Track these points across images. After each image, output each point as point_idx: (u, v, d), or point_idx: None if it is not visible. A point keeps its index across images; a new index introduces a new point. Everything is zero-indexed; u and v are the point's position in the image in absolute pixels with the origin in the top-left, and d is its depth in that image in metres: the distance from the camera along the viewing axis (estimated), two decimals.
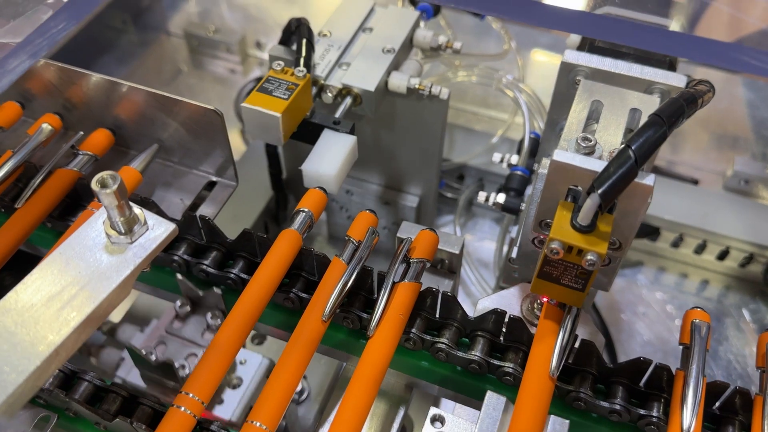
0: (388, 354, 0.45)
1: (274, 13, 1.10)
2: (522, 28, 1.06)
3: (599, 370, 0.46)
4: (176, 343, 0.50)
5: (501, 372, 0.47)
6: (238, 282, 0.52)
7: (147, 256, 0.38)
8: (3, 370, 0.34)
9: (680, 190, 0.81)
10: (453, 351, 0.48)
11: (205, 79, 1.02)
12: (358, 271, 0.47)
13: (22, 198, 0.53)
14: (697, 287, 0.80)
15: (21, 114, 0.59)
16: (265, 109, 0.52)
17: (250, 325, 0.45)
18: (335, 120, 0.56)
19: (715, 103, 0.97)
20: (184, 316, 0.50)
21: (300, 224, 0.49)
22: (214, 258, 0.52)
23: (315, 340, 0.45)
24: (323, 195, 0.52)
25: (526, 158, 0.67)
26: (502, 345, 0.48)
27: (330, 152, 0.55)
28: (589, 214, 0.38)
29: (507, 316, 0.47)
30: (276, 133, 0.53)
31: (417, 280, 0.48)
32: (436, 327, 0.50)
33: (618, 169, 0.37)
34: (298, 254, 0.49)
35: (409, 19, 0.64)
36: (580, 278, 0.41)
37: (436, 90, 0.60)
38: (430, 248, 0.50)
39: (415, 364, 0.51)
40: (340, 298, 0.46)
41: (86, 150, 0.56)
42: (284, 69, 0.55)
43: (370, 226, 0.50)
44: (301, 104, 0.55)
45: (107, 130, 0.58)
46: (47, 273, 0.37)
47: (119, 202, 0.36)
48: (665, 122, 0.37)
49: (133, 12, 1.05)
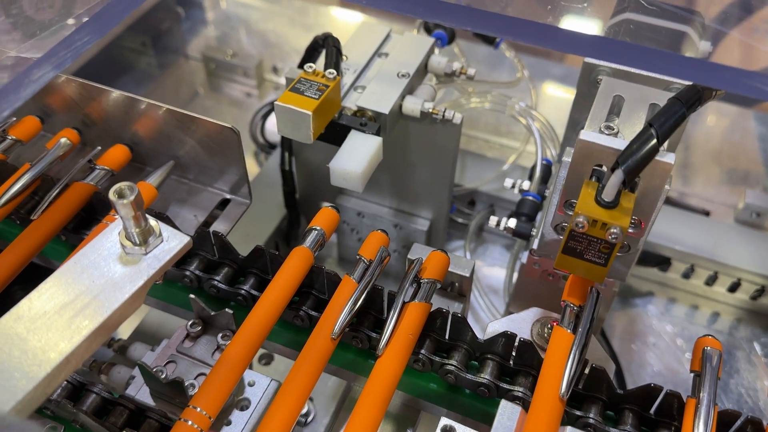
0: (397, 373, 0.45)
1: (290, 39, 1.11)
2: (534, 59, 1.08)
3: (609, 396, 0.46)
4: (186, 363, 0.50)
5: (510, 396, 0.47)
6: (249, 298, 0.52)
7: (161, 268, 0.38)
8: (13, 375, 0.34)
9: (691, 220, 0.81)
10: (462, 373, 0.48)
11: (222, 101, 1.04)
12: (368, 289, 0.47)
13: (38, 210, 0.54)
14: (708, 319, 0.80)
15: (40, 128, 0.61)
16: (297, 107, 0.53)
17: (259, 340, 0.45)
18: (362, 122, 0.58)
19: (726, 137, 0.98)
20: (195, 335, 0.50)
21: (312, 242, 0.50)
22: (225, 274, 0.53)
23: (324, 357, 0.45)
24: (335, 214, 0.52)
25: (538, 184, 0.67)
26: (511, 368, 0.48)
27: (357, 152, 0.56)
28: (613, 190, 0.40)
29: (517, 340, 0.47)
30: (306, 131, 0.54)
31: (427, 301, 0.48)
32: (445, 348, 0.49)
33: (641, 146, 0.39)
34: (309, 272, 0.49)
35: (424, 45, 0.65)
36: (603, 253, 0.43)
37: (450, 114, 0.61)
38: (441, 269, 0.50)
39: (424, 385, 0.50)
40: (350, 316, 0.46)
41: (103, 165, 0.57)
42: (315, 71, 0.56)
43: (381, 245, 0.50)
44: (330, 104, 0.56)
45: (125, 146, 0.59)
46: (61, 281, 0.37)
47: (135, 213, 0.37)
48: (684, 104, 0.39)
49: (152, 34, 1.07)
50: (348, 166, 0.55)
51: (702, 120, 1.02)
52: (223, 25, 1.15)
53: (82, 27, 0.40)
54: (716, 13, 0.54)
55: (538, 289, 0.65)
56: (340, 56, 0.60)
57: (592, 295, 0.46)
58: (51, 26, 0.47)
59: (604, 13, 0.51)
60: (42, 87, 0.35)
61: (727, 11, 0.52)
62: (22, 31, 0.49)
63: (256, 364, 0.67)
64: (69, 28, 0.46)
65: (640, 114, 0.46)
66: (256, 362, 0.67)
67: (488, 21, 0.37)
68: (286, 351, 0.56)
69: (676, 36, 0.51)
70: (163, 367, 0.49)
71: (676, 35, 0.51)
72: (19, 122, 0.61)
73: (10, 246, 0.52)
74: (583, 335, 0.44)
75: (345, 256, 0.82)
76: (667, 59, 0.37)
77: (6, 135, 0.59)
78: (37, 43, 0.47)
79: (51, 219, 0.54)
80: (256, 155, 0.95)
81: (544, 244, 0.52)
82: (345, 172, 0.55)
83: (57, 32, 0.47)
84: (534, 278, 0.64)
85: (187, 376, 0.49)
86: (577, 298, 0.47)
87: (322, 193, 0.77)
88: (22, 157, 0.59)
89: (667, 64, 0.37)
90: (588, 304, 0.46)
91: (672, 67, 0.37)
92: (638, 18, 0.51)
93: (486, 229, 0.86)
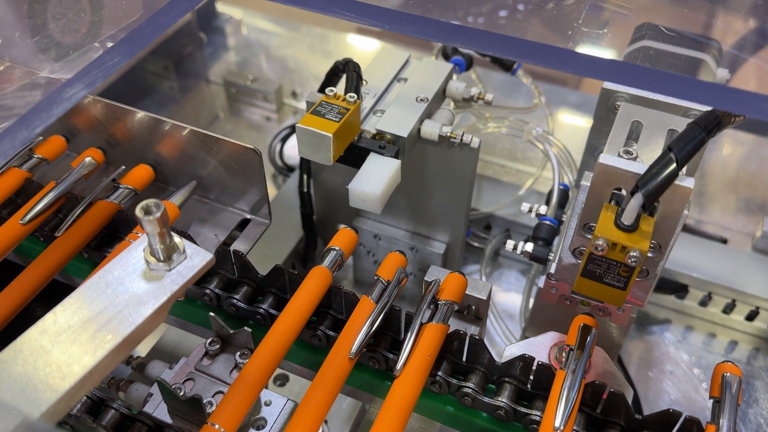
0: (415, 395, 0.45)
1: (310, 65, 1.13)
2: (551, 86, 1.09)
3: (627, 421, 0.45)
4: (204, 381, 0.50)
5: (528, 420, 0.47)
6: (267, 317, 0.53)
7: (184, 284, 0.39)
8: (38, 387, 0.34)
9: (709, 248, 0.80)
10: (479, 396, 0.48)
11: (241, 125, 1.05)
12: (386, 310, 0.47)
13: (63, 227, 0.55)
14: (726, 347, 0.79)
15: (66, 147, 0.62)
16: (318, 130, 0.54)
17: (278, 359, 0.45)
18: (381, 144, 0.58)
19: (744, 165, 0.98)
20: (214, 353, 0.51)
21: (330, 262, 0.50)
22: (244, 293, 0.53)
23: (342, 377, 0.45)
24: (354, 234, 0.52)
25: (555, 209, 0.67)
26: (529, 392, 0.48)
27: (375, 174, 0.57)
28: (633, 214, 0.40)
29: (535, 363, 0.47)
30: (326, 153, 0.55)
31: (445, 322, 0.48)
32: (462, 371, 0.49)
33: (661, 170, 0.39)
34: (327, 292, 0.50)
35: (443, 71, 0.66)
36: (622, 276, 0.43)
37: (468, 138, 0.62)
38: (458, 291, 0.51)
39: (440, 408, 0.50)
40: (368, 336, 0.46)
41: (127, 184, 0.58)
42: (336, 95, 0.57)
43: (399, 266, 0.51)
44: (350, 127, 0.57)
45: (148, 166, 0.60)
46: (86, 296, 0.38)
47: (161, 230, 0.37)
48: (703, 129, 0.40)
49: (174, 59, 1.09)
50: (367, 188, 0.56)
51: (718, 148, 1.02)
52: (243, 50, 1.17)
53: (113, 48, 0.41)
54: (733, 41, 0.54)
55: (555, 313, 0.65)
56: (360, 80, 0.61)
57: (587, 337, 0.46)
58: (79, 49, 0.49)
59: (622, 40, 0.52)
60: (73, 105, 0.37)
61: (744, 39, 0.52)
62: (50, 54, 0.50)
63: (271, 384, 0.67)
64: (96, 50, 0.47)
65: (659, 139, 0.46)
66: (271, 383, 0.67)
67: (509, 46, 0.38)
68: (300, 370, 0.56)
69: (693, 63, 0.51)
70: (181, 384, 0.49)
71: (693, 62, 0.51)
72: (45, 141, 0.62)
73: (35, 262, 0.53)
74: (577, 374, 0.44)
75: (361, 278, 0.82)
76: (686, 84, 0.37)
77: (32, 154, 0.60)
78: (65, 65, 0.48)
79: (74, 236, 0.55)
80: (275, 178, 0.96)
81: (562, 268, 0.52)
82: (364, 194, 0.56)
83: (84, 54, 0.48)
84: (551, 303, 0.64)
85: (205, 394, 0.49)
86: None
87: (340, 215, 0.78)
88: (47, 176, 0.61)
89: (686, 88, 0.37)
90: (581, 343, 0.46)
91: (691, 91, 0.38)
92: (656, 45, 0.52)
93: (502, 253, 0.86)
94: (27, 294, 0.51)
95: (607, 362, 0.52)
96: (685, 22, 0.56)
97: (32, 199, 0.57)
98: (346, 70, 0.61)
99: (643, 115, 0.48)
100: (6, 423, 0.30)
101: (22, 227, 0.55)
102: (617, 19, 0.53)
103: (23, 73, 0.47)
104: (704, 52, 0.52)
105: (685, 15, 0.57)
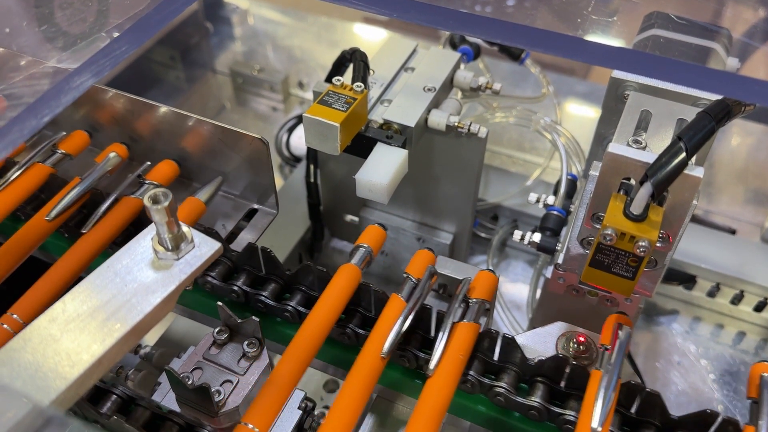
0: (449, 395, 0.44)
1: (316, 55, 1.13)
2: (559, 76, 1.08)
3: (663, 421, 0.45)
4: (212, 370, 0.50)
5: (562, 420, 0.46)
6: (295, 315, 0.53)
7: (192, 273, 0.39)
8: (47, 376, 0.35)
9: (717, 238, 0.80)
10: (512, 396, 0.47)
11: (248, 115, 1.05)
12: (418, 308, 0.47)
13: (89, 223, 0.55)
14: (734, 338, 0.79)
15: (89, 143, 0.62)
16: (325, 119, 0.54)
17: (309, 358, 0.45)
18: (388, 134, 0.58)
19: (753, 155, 0.97)
20: (222, 343, 0.51)
21: (359, 259, 0.50)
22: (272, 290, 0.53)
23: (374, 376, 0.45)
24: (383, 231, 0.53)
25: (563, 199, 0.67)
26: (563, 392, 0.47)
27: (382, 164, 0.56)
28: (642, 203, 0.40)
29: (569, 363, 0.46)
30: (333, 143, 0.55)
31: (476, 321, 0.48)
32: (494, 370, 0.49)
33: (670, 160, 0.39)
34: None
35: (450, 60, 0.66)
36: (631, 266, 0.43)
37: (475, 128, 0.61)
38: (489, 289, 0.50)
39: (471, 407, 0.50)
40: (400, 336, 0.46)
41: (152, 180, 0.58)
42: (343, 84, 0.57)
43: (429, 264, 0.50)
44: (357, 117, 0.57)
45: (173, 162, 0.60)
46: (95, 285, 0.38)
47: (169, 219, 0.37)
48: (713, 118, 0.39)
49: (181, 49, 1.09)
50: (374, 178, 0.55)
51: (727, 138, 1.01)
52: (250, 40, 1.17)
53: (120, 37, 0.41)
54: (744, 30, 0.54)
55: (563, 304, 0.65)
56: (368, 70, 0.61)
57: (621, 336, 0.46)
58: (86, 38, 0.49)
59: (632, 28, 0.52)
60: (81, 94, 0.37)
61: (755, 27, 0.52)
62: (57, 44, 0.50)
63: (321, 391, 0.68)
64: (103, 39, 0.47)
65: (668, 129, 0.46)
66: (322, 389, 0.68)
67: (518, 34, 0.38)
68: (319, 364, 0.56)
69: (703, 51, 0.51)
70: (189, 373, 0.50)
71: (703, 51, 0.51)
72: (69, 136, 0.62)
73: (62, 259, 0.52)
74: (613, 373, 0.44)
75: (367, 269, 0.82)
76: (696, 72, 0.37)
77: (56, 149, 0.60)
78: (72, 54, 0.48)
79: (101, 233, 0.54)
80: (281, 168, 0.96)
81: (570, 258, 0.52)
82: (371, 184, 0.55)
83: (91, 44, 0.48)
84: (558, 293, 0.64)
85: (213, 383, 0.49)
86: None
87: (347, 205, 0.78)
88: (70, 171, 0.60)
89: (696, 77, 0.37)
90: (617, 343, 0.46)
91: (701, 80, 0.37)
92: (665, 34, 0.51)
93: (509, 244, 0.86)
94: (55, 291, 0.51)
95: None
96: (695, 11, 0.56)
97: (57, 195, 0.57)
98: (353, 59, 0.61)
99: (653, 105, 0.48)
100: (16, 410, 0.31)
101: (47, 224, 0.55)
102: (627, 7, 0.52)
103: (31, 63, 0.47)
104: (714, 41, 0.51)
105: (694, 3, 0.57)
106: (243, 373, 0.49)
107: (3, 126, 0.36)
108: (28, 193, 0.57)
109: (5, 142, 0.33)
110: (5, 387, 0.32)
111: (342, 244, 0.86)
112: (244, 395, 0.48)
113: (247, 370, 0.49)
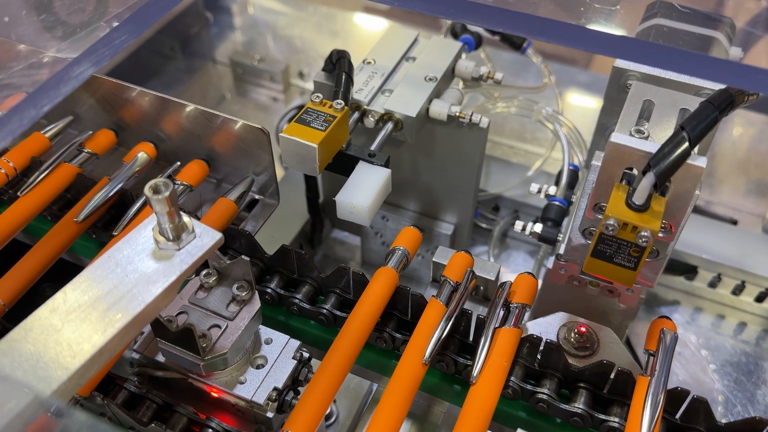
0: (492, 403, 0.44)
1: (317, 45, 1.12)
2: (561, 65, 1.08)
3: (708, 427, 0.45)
4: (199, 314, 0.47)
5: (606, 427, 0.46)
6: (330, 318, 0.53)
7: (193, 264, 0.39)
8: (49, 366, 0.35)
9: (719, 229, 0.80)
10: (555, 402, 0.47)
11: (248, 105, 1.05)
12: (457, 313, 0.47)
13: (120, 225, 0.54)
14: (735, 329, 0.79)
15: (115, 142, 0.61)
16: (303, 140, 0.52)
17: (350, 363, 0.45)
18: (370, 152, 0.56)
19: (755, 146, 0.97)
20: (209, 287, 0.48)
21: (396, 262, 0.50)
22: (306, 292, 0.54)
23: (416, 382, 0.45)
24: (418, 233, 0.52)
25: (565, 189, 0.67)
26: (605, 397, 0.47)
27: (364, 184, 0.54)
28: (644, 193, 0.40)
29: (615, 369, 0.46)
30: (312, 164, 0.53)
31: (518, 326, 0.48)
32: (534, 375, 0.49)
33: (673, 149, 0.39)
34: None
35: (452, 50, 0.65)
36: (633, 257, 0.42)
37: (476, 118, 0.61)
38: (530, 292, 0.50)
39: (512, 413, 0.49)
40: (441, 341, 0.46)
41: (182, 180, 0.57)
42: (323, 101, 0.55)
43: (468, 267, 0.50)
44: (337, 136, 0.55)
45: (202, 161, 0.59)
46: (96, 275, 0.38)
47: (170, 209, 0.37)
48: (716, 108, 0.39)
49: (181, 39, 1.09)
50: (354, 200, 0.53)
51: (728, 129, 1.01)
52: (250, 30, 1.16)
53: (120, 27, 0.40)
54: (747, 19, 0.54)
55: (564, 294, 0.65)
56: (351, 83, 0.58)
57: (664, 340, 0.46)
58: (85, 28, 0.49)
59: (635, 17, 0.51)
60: (81, 83, 0.36)
61: (758, 17, 0.52)
62: (57, 33, 0.50)
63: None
64: (103, 29, 0.47)
65: (671, 118, 0.46)
66: None
67: (520, 22, 0.38)
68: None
69: (706, 41, 0.51)
70: (174, 317, 0.47)
71: (706, 40, 0.51)
72: (95, 135, 0.61)
73: None
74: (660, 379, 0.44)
75: (368, 260, 0.82)
76: (699, 61, 0.37)
77: (82, 148, 0.59)
78: (72, 44, 0.48)
79: None
80: (282, 159, 0.96)
81: (571, 248, 0.52)
82: (352, 206, 0.53)
83: (91, 33, 0.48)
84: (560, 284, 0.64)
85: (200, 327, 0.46)
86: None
87: None
88: (96, 171, 0.59)
89: (699, 66, 0.37)
90: (661, 348, 0.46)
91: (704, 69, 0.37)
92: (668, 23, 0.51)
93: (510, 234, 0.86)
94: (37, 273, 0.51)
95: (615, 343, 0.52)
96: (698, 0, 0.55)
97: (86, 196, 0.56)
98: (337, 69, 0.58)
99: (655, 94, 0.48)
100: (18, 400, 0.31)
101: (77, 225, 0.54)
102: None
103: (30, 52, 0.46)
104: (717, 30, 0.51)
105: None
106: (232, 318, 0.47)
107: (2, 116, 0.35)
108: (56, 194, 0.56)
109: (5, 132, 0.33)
110: (6, 377, 0.32)
111: (343, 234, 0.86)
112: (233, 340, 0.46)
113: (237, 314, 0.47)
